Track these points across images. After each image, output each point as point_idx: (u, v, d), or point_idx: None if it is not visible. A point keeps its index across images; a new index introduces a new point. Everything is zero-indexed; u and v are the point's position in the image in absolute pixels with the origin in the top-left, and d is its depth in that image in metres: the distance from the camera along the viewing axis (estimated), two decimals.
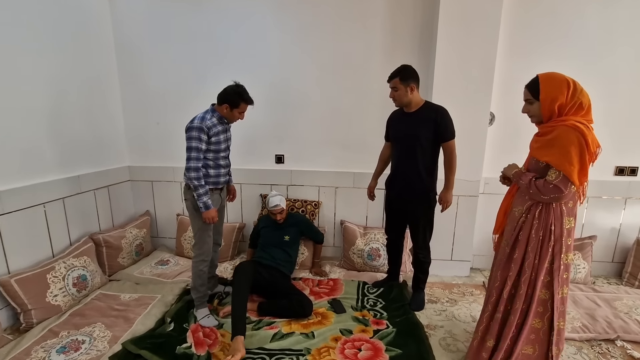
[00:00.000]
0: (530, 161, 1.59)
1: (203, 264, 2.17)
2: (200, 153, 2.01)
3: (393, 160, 2.35)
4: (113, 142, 3.01)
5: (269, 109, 2.96)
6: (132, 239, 2.90)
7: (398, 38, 2.74)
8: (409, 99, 2.13)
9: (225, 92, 2.07)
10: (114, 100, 3.01)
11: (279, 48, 2.85)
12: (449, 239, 2.82)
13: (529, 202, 1.55)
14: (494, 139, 2.74)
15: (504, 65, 2.62)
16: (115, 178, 3.01)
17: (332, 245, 3.17)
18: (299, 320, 2.16)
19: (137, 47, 2.95)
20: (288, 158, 3.06)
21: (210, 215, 2.05)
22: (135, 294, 2.42)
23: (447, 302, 2.47)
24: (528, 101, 1.55)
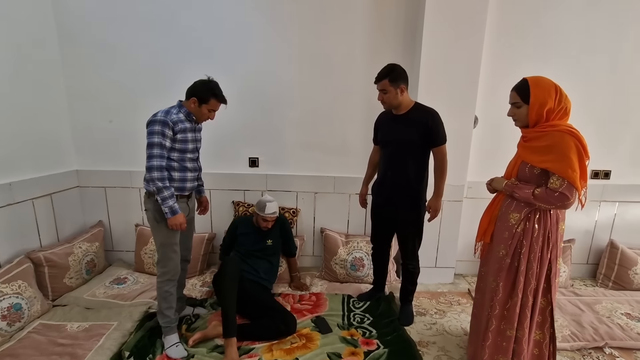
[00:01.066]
0: (522, 167, 1.50)
1: (169, 284, 1.88)
2: (164, 150, 1.75)
3: (381, 165, 2.19)
4: (56, 142, 2.58)
5: (242, 107, 2.68)
6: (81, 255, 2.50)
7: (381, 37, 2.58)
8: (399, 102, 1.98)
9: (194, 86, 1.84)
10: (57, 95, 2.57)
11: (253, 42, 2.58)
12: (434, 245, 2.73)
13: (526, 209, 1.48)
14: (477, 142, 2.67)
15: (487, 68, 2.55)
16: (60, 184, 2.58)
17: (312, 254, 2.97)
18: (281, 345, 1.94)
19: (84, 33, 2.53)
20: (263, 161, 2.80)
21: (177, 222, 1.78)
22: (85, 323, 2.06)
23: (436, 313, 2.36)
24: (515, 104, 1.49)
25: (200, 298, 2.41)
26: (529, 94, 1.40)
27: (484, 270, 1.66)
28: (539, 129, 1.43)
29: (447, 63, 2.43)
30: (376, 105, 2.56)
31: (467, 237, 2.85)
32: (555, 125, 1.40)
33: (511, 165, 1.57)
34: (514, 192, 1.48)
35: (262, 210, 2.31)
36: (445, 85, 2.45)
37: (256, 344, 1.94)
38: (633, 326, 2.18)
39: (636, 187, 2.81)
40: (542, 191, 1.39)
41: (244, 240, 2.41)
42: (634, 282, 2.67)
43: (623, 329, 2.15)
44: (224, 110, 2.67)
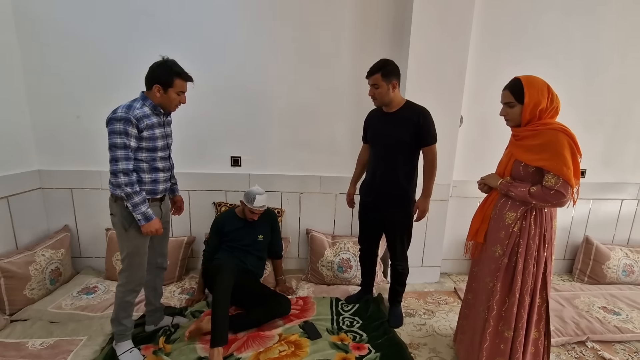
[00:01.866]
0: (516, 166, 1.50)
1: (131, 295, 1.74)
2: (129, 151, 1.56)
3: (370, 164, 2.13)
4: (14, 140, 2.33)
5: (223, 103, 2.55)
6: (44, 263, 2.28)
7: (369, 33, 2.53)
8: (390, 98, 1.92)
9: (152, 70, 1.62)
10: (14, 87, 2.32)
11: (234, 34, 2.45)
12: (420, 245, 2.71)
13: (522, 208, 1.47)
14: (462, 141, 2.68)
15: (473, 67, 2.57)
16: (18, 186, 2.34)
17: (297, 257, 2.87)
18: (269, 354, 1.84)
19: (46, 18, 2.30)
20: (246, 160, 2.67)
21: (152, 228, 1.63)
22: (50, 339, 1.86)
23: (425, 314, 2.34)
24: (509, 104, 1.48)
25: (180, 307, 2.26)
26: (523, 94, 1.39)
27: (477, 270, 1.64)
28: (531, 127, 1.43)
29: (435, 61, 2.41)
30: (364, 103, 2.51)
31: (452, 236, 2.87)
32: (547, 124, 1.40)
33: (503, 164, 1.56)
34: (509, 192, 1.47)
35: (251, 203, 2.20)
36: (433, 84, 2.44)
37: (242, 353, 1.83)
38: (610, 319, 2.26)
39: (608, 184, 2.93)
40: (538, 189, 1.38)
41: (235, 236, 2.29)
42: (607, 276, 2.78)
43: (602, 322, 2.22)
44: (204, 108, 2.54)
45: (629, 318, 2.28)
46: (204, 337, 1.93)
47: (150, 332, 1.98)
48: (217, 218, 2.40)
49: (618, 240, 3.04)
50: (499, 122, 2.66)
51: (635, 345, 2.06)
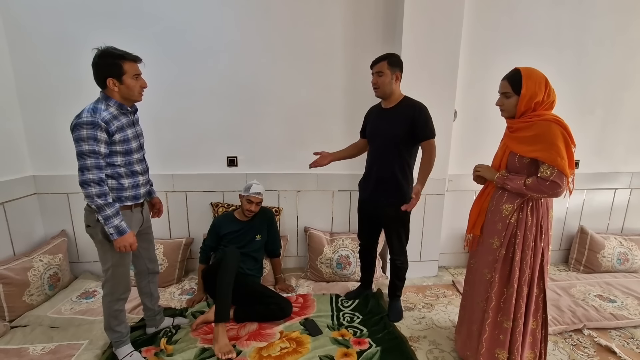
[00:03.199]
0: (511, 158, 1.51)
1: (119, 304, 1.70)
2: (99, 159, 1.46)
3: (367, 160, 2.15)
4: (7, 146, 2.31)
5: (218, 104, 2.55)
6: (42, 269, 2.27)
7: (361, 29, 2.54)
8: (391, 89, 1.94)
9: (96, 66, 1.48)
10: (5, 94, 2.30)
11: (227, 33, 2.45)
12: (418, 239, 2.73)
13: (519, 200, 1.49)
14: (456, 135, 2.70)
15: (465, 61, 2.58)
16: (13, 192, 2.33)
17: (296, 255, 2.89)
18: (270, 351, 1.85)
19: (36, 24, 2.29)
20: (242, 160, 2.68)
21: (126, 243, 1.53)
22: (51, 344, 1.86)
23: (424, 307, 2.36)
24: (505, 94, 1.49)
25: (180, 307, 2.26)
26: (521, 85, 1.40)
27: (475, 262, 1.66)
28: (525, 119, 1.44)
29: (427, 56, 2.43)
30: (359, 99, 2.54)
31: (449, 230, 2.90)
32: (541, 115, 1.41)
33: (498, 157, 1.58)
34: (505, 185, 1.49)
35: (248, 190, 2.23)
36: (426, 79, 2.45)
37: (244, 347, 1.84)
38: (606, 307, 2.29)
39: (601, 175, 2.97)
40: (534, 181, 1.40)
41: (232, 239, 2.30)
42: (602, 265, 2.82)
43: (597, 310, 2.25)
44: (199, 109, 2.54)
45: (624, 305, 2.31)
46: (207, 328, 2.01)
47: (151, 334, 1.98)
48: (215, 220, 2.41)
49: (612, 229, 3.09)
50: (492, 116, 2.70)
51: (631, 331, 2.09)
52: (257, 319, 2.08)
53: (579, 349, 1.94)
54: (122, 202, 1.59)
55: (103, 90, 1.54)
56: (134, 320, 2.08)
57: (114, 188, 1.56)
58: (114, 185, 1.56)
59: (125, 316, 1.77)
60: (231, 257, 2.02)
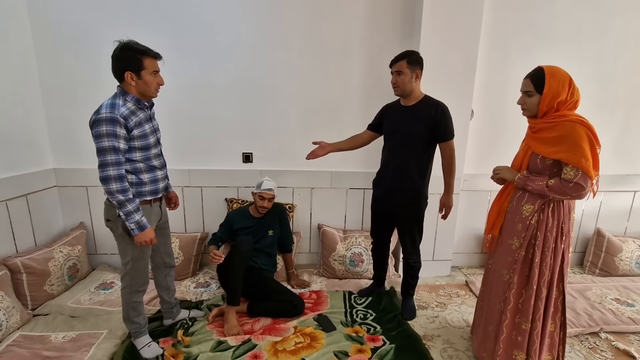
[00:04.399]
0: (533, 159, 1.49)
1: (138, 295, 1.74)
2: (119, 155, 1.46)
3: (383, 157, 2.14)
4: (29, 139, 2.36)
5: (234, 100, 2.57)
6: (62, 259, 2.32)
7: (379, 25, 2.52)
8: (411, 87, 1.93)
9: (117, 58, 1.48)
10: (30, 89, 2.36)
11: (243, 30, 2.46)
12: (431, 239, 2.72)
13: (540, 201, 1.46)
14: (472, 135, 2.68)
15: (483, 59, 2.55)
16: (35, 184, 2.39)
17: (309, 251, 2.90)
18: (285, 345, 1.87)
19: (60, 18, 2.33)
20: (257, 156, 2.70)
21: (147, 238, 1.56)
22: (72, 332, 1.91)
23: (437, 306, 2.36)
24: (527, 93, 1.47)
25: (196, 300, 2.30)
26: (544, 84, 1.38)
27: (493, 263, 1.65)
28: (548, 119, 1.42)
29: (445, 54, 2.41)
30: (375, 96, 2.53)
31: (463, 230, 2.88)
32: (564, 115, 1.39)
33: (519, 157, 1.56)
34: (526, 185, 1.47)
35: (259, 187, 2.26)
36: (443, 77, 2.43)
37: (260, 340, 1.87)
38: (623, 310, 2.26)
39: (620, 177, 2.92)
40: (557, 182, 1.38)
41: (246, 235, 2.31)
42: (620, 268, 2.78)
43: (615, 313, 2.22)
44: (215, 105, 2.56)
45: None
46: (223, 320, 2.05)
47: (168, 325, 2.02)
48: (229, 213, 2.43)
49: (630, 233, 3.03)
50: (509, 115, 2.70)
51: None
52: (270, 315, 2.11)
53: (596, 352, 1.92)
54: (141, 197, 1.61)
55: (120, 84, 1.55)
56: (151, 312, 2.13)
57: (134, 183, 1.58)
58: (133, 181, 1.58)
59: (144, 308, 1.81)
60: (244, 244, 2.07)
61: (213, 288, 2.46)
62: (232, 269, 2.03)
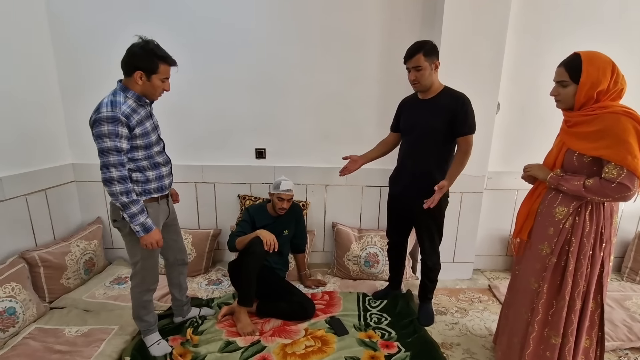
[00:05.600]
0: (568, 156, 1.33)
1: (148, 294, 1.72)
2: (122, 155, 1.42)
3: (400, 153, 2.03)
4: (49, 135, 2.41)
5: (247, 95, 2.51)
6: (79, 254, 2.36)
7: (397, 13, 2.39)
8: (432, 80, 1.79)
9: (134, 55, 1.43)
10: (48, 85, 2.39)
11: (257, 22, 2.39)
12: (452, 240, 2.57)
13: (575, 202, 1.31)
14: (498, 130, 2.50)
15: (512, 47, 2.36)
16: (54, 179, 2.43)
17: (322, 250, 2.82)
18: (295, 348, 1.81)
19: (76, 17, 2.34)
20: (270, 152, 2.63)
21: (152, 240, 1.52)
22: (85, 327, 1.92)
23: (457, 312, 2.22)
24: (562, 83, 1.30)
25: (207, 298, 2.27)
26: (580, 72, 1.22)
27: (520, 269, 1.50)
28: (586, 111, 1.26)
29: (470, 43, 2.24)
30: (393, 90, 2.40)
31: (486, 231, 2.71)
32: (606, 107, 1.22)
33: (553, 154, 1.40)
34: (560, 185, 1.31)
35: (278, 188, 2.17)
36: (467, 68, 2.27)
37: (269, 342, 1.81)
38: None
39: None
40: (596, 183, 1.22)
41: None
42: None
43: None
44: (228, 100, 2.51)
45: None
46: (233, 320, 2.02)
47: (178, 323, 2.00)
48: (249, 208, 2.30)
49: None
50: (541, 108, 2.49)
51: None
52: (280, 316, 2.05)
53: None
54: (148, 194, 1.57)
55: (124, 78, 1.49)
56: (162, 309, 2.12)
57: (139, 181, 1.54)
58: (138, 179, 1.54)
59: (153, 306, 1.80)
60: (259, 245, 2.00)
61: (225, 286, 2.43)
62: (246, 270, 1.98)
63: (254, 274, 1.98)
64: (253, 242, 2.03)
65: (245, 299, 1.99)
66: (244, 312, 1.98)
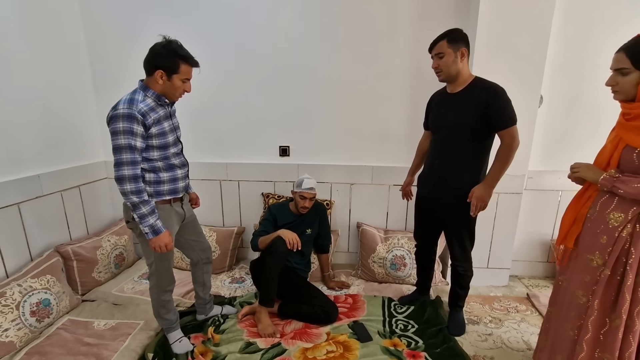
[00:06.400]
0: (626, 154, 1.15)
1: (166, 295, 1.71)
2: (135, 154, 1.40)
3: (429, 152, 1.90)
4: (84, 133, 2.51)
5: (271, 92, 2.47)
6: (110, 248, 2.44)
7: (428, 2, 2.24)
8: (457, 69, 1.65)
9: (156, 54, 1.43)
10: (83, 83, 2.49)
11: (280, 15, 2.34)
12: (486, 243, 2.40)
13: (635, 208, 1.13)
14: (540, 125, 2.29)
15: (557, 35, 2.15)
16: (88, 176, 2.52)
17: (347, 250, 2.74)
18: (316, 353, 1.75)
19: (109, 17, 2.41)
20: (294, 150, 2.58)
21: (161, 243, 1.47)
22: (112, 320, 1.97)
23: (491, 322, 2.07)
24: (622, 70, 1.13)
25: (229, 296, 2.27)
26: None
27: (564, 280, 1.34)
28: None
29: (509, 30, 2.06)
30: (423, 85, 2.26)
31: (525, 234, 2.52)
32: None
33: (607, 152, 1.22)
34: (616, 188, 1.14)
35: (300, 186, 2.13)
36: (506, 58, 2.09)
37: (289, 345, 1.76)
38: None
39: None
40: None
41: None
42: None
43: None
44: (251, 97, 2.49)
45: None
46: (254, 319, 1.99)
47: (201, 321, 2.01)
48: (271, 207, 2.29)
49: None
50: (586, 100, 2.26)
51: None
52: (301, 319, 1.99)
53: None
54: (160, 196, 1.55)
55: (146, 77, 1.49)
56: (187, 305, 2.14)
57: (152, 182, 1.52)
58: (151, 179, 1.52)
59: (174, 304, 1.80)
60: (281, 245, 1.96)
61: (247, 284, 2.42)
62: (267, 270, 1.95)
63: (276, 274, 1.95)
64: (275, 241, 1.98)
65: (266, 299, 1.96)
66: (265, 312, 1.95)
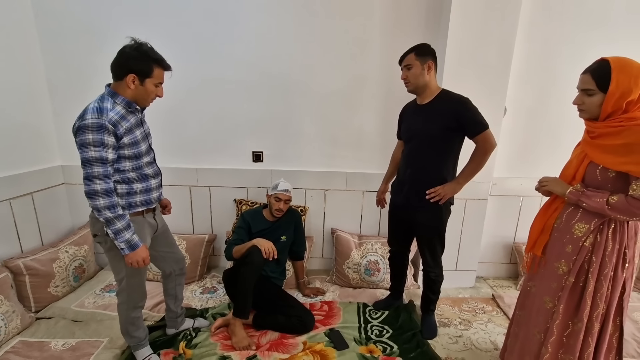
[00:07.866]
0: (591, 170, 1.24)
1: (136, 311, 1.61)
2: (107, 166, 1.31)
3: (401, 161, 1.94)
4: (37, 136, 2.30)
5: (244, 96, 2.41)
6: (68, 260, 2.26)
7: (401, 14, 2.29)
8: (424, 81, 1.71)
9: (127, 57, 1.33)
10: (35, 83, 2.28)
11: (254, 20, 2.29)
12: (455, 247, 2.50)
13: (597, 220, 1.22)
14: (504, 135, 2.41)
15: (521, 48, 2.28)
16: (42, 182, 2.32)
17: (321, 256, 2.74)
18: None
19: (65, 8, 2.23)
20: (268, 156, 2.54)
21: (139, 258, 1.40)
22: (72, 340, 1.83)
23: (460, 324, 2.15)
24: (587, 92, 1.20)
25: (201, 308, 2.18)
26: (609, 80, 1.13)
27: (533, 286, 1.43)
28: (613, 122, 1.16)
29: (477, 45, 2.15)
30: (396, 93, 2.30)
31: (490, 238, 2.65)
32: (635, 118, 1.13)
33: (573, 167, 1.30)
34: (581, 202, 1.23)
35: (276, 188, 2.11)
36: (474, 71, 2.18)
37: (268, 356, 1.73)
38: None
39: None
40: (621, 200, 1.13)
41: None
42: None
43: None
44: (224, 101, 2.41)
45: None
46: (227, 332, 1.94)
47: (171, 335, 1.91)
48: (244, 214, 2.22)
49: None
50: (550, 113, 2.41)
51: None
52: (277, 329, 1.96)
53: None
54: (132, 208, 1.46)
55: (114, 82, 1.39)
56: (155, 319, 2.02)
57: (124, 194, 1.43)
58: (123, 191, 1.43)
59: (143, 321, 1.70)
60: (257, 254, 1.91)
61: (220, 294, 2.34)
62: (243, 281, 1.89)
63: (252, 285, 1.90)
64: (251, 251, 1.93)
65: (241, 311, 1.90)
66: (240, 324, 1.90)
